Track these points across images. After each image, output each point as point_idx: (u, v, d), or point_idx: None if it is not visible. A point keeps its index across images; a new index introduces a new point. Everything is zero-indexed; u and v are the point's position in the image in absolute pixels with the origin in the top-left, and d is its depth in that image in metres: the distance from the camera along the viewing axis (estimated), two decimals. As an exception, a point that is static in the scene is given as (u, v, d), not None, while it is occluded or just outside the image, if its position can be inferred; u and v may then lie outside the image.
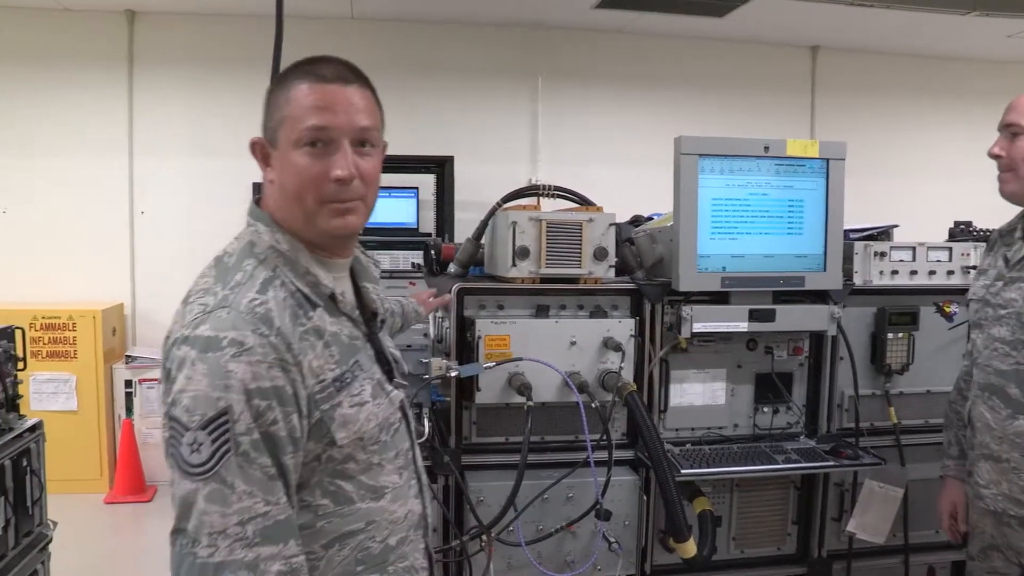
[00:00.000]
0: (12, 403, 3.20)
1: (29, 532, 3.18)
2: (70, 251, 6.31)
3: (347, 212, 1.46)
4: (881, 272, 3.08)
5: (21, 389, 3.31)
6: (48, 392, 5.73)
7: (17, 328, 3.33)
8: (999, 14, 5.74)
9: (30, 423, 3.26)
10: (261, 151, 1.51)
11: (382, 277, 1.78)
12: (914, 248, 3.12)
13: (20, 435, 3.16)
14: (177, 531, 1.32)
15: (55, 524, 3.41)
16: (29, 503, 3.18)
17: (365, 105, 1.48)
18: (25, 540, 3.14)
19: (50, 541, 3.35)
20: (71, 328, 5.77)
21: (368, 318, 1.62)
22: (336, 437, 1.42)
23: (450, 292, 2.76)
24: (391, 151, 1.62)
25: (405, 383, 1.65)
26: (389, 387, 1.57)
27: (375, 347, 1.58)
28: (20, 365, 3.31)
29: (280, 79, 1.50)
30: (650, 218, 3.51)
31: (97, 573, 4.53)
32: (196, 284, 1.45)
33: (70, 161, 6.31)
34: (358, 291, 1.64)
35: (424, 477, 1.68)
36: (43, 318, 5.71)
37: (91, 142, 6.33)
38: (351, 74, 1.49)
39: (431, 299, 2.85)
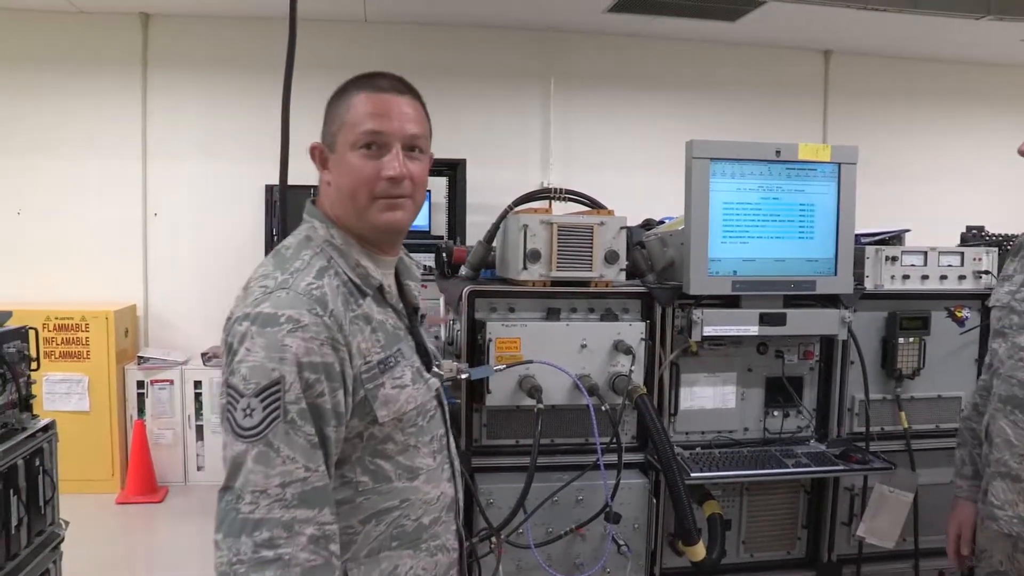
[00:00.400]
0: (25, 403, 3.22)
1: (41, 531, 3.20)
2: (83, 252, 6.36)
3: (396, 208, 1.61)
4: (892, 276, 3.07)
5: (34, 389, 3.33)
6: (61, 392, 5.77)
7: (31, 328, 3.35)
8: (1013, 18, 5.71)
9: (43, 423, 3.28)
10: (320, 155, 1.66)
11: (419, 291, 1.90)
12: (925, 253, 3.11)
13: (33, 435, 3.18)
14: (225, 488, 1.42)
15: (67, 523, 3.43)
16: (41, 502, 3.20)
17: (415, 115, 1.63)
18: (37, 539, 3.16)
19: (62, 540, 3.37)
20: (84, 329, 5.82)
21: (410, 312, 1.77)
22: (378, 415, 1.54)
23: (461, 295, 2.77)
24: None
25: (441, 373, 1.78)
26: (427, 375, 1.70)
27: (416, 339, 1.72)
28: (33, 365, 3.34)
29: (340, 91, 1.65)
30: (661, 222, 3.52)
31: (108, 573, 4.55)
32: (256, 272, 1.58)
33: (84, 163, 6.36)
34: (401, 288, 1.78)
35: (457, 463, 1.80)
36: (56, 319, 5.76)
37: (105, 144, 6.38)
38: (404, 87, 1.65)
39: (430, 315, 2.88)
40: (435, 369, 1.76)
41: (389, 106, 1.59)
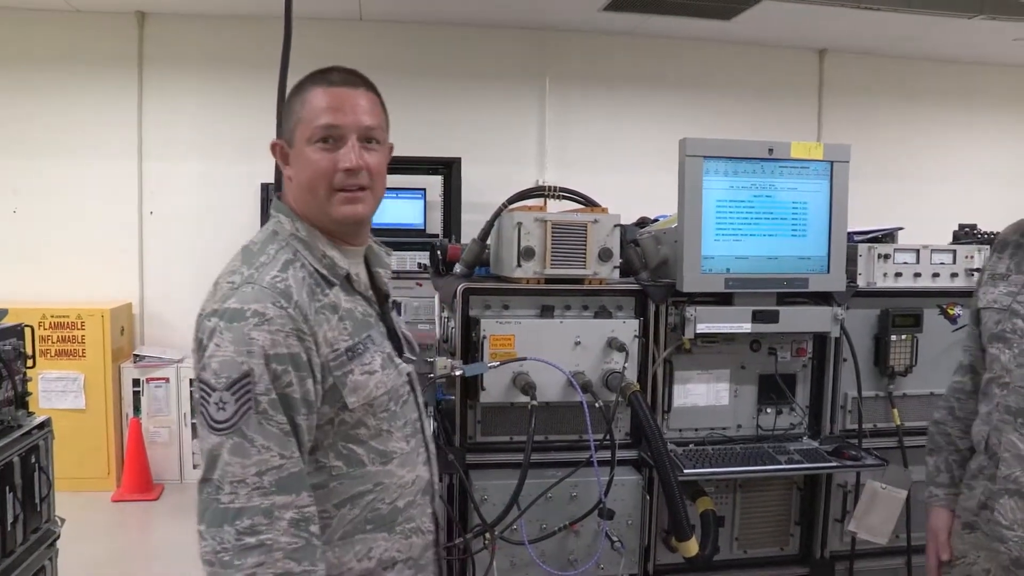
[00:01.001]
0: (21, 400, 3.22)
1: (37, 528, 3.21)
2: (79, 251, 6.37)
3: (356, 200, 1.64)
4: (885, 274, 3.08)
5: (30, 387, 3.33)
6: (56, 391, 5.77)
7: (27, 326, 3.35)
8: (1006, 17, 5.75)
9: (39, 420, 3.29)
10: (281, 151, 1.70)
11: (391, 278, 1.92)
12: (918, 250, 3.12)
13: (29, 432, 3.19)
14: (204, 480, 1.47)
15: (63, 521, 3.43)
16: (37, 500, 3.21)
17: (370, 107, 1.67)
18: (33, 536, 3.17)
19: (58, 538, 3.38)
20: (80, 327, 5.82)
21: (381, 299, 1.79)
22: (348, 401, 1.58)
23: (455, 292, 2.78)
24: (399, 152, 1.78)
25: (414, 358, 1.80)
26: (398, 360, 1.73)
27: (387, 325, 1.76)
28: (29, 363, 3.34)
29: (296, 87, 1.69)
30: (655, 220, 3.53)
31: (104, 570, 4.56)
32: (225, 268, 1.62)
33: (80, 162, 6.36)
34: (372, 276, 1.80)
35: (432, 446, 1.84)
36: (52, 317, 5.76)
37: (101, 143, 6.38)
38: (358, 79, 1.69)
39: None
40: (406, 354, 1.78)
41: (343, 99, 1.62)
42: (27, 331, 3.34)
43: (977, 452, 2.23)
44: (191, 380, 5.98)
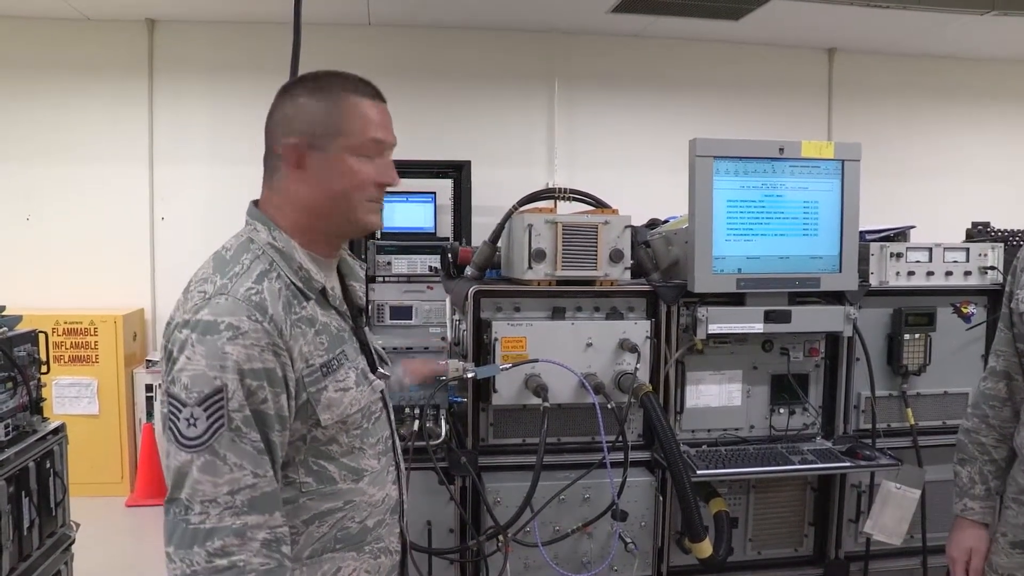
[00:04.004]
0: (36, 406, 3.24)
1: (53, 533, 3.23)
2: (92, 257, 6.40)
3: (380, 211, 1.67)
4: (897, 273, 3.07)
5: (44, 393, 3.35)
6: (70, 396, 5.80)
7: (40, 332, 3.37)
8: (1018, 13, 5.71)
9: (53, 425, 3.31)
10: (297, 152, 1.60)
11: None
12: (931, 249, 3.10)
13: (44, 437, 3.21)
14: (171, 500, 1.42)
15: (78, 526, 3.45)
16: (52, 504, 3.23)
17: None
18: (49, 540, 3.19)
19: (73, 542, 3.39)
20: (93, 333, 5.84)
21: (355, 313, 1.75)
22: (321, 418, 1.53)
23: (467, 295, 2.78)
24: (409, 156, 1.76)
25: (387, 375, 1.78)
26: (372, 376, 1.69)
27: (360, 339, 1.71)
28: (43, 369, 3.36)
29: (324, 89, 1.61)
30: (665, 221, 3.52)
31: (119, 574, 4.57)
32: (195, 275, 1.57)
33: (91, 169, 6.39)
34: (345, 289, 1.77)
35: (403, 465, 1.81)
36: (65, 323, 5.79)
37: (112, 150, 6.41)
38: (380, 94, 1.68)
39: (424, 367, 2.77)
40: (380, 370, 1.75)
41: (386, 116, 1.65)
42: (41, 337, 3.36)
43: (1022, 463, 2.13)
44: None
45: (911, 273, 3.08)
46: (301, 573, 1.55)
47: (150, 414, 6.01)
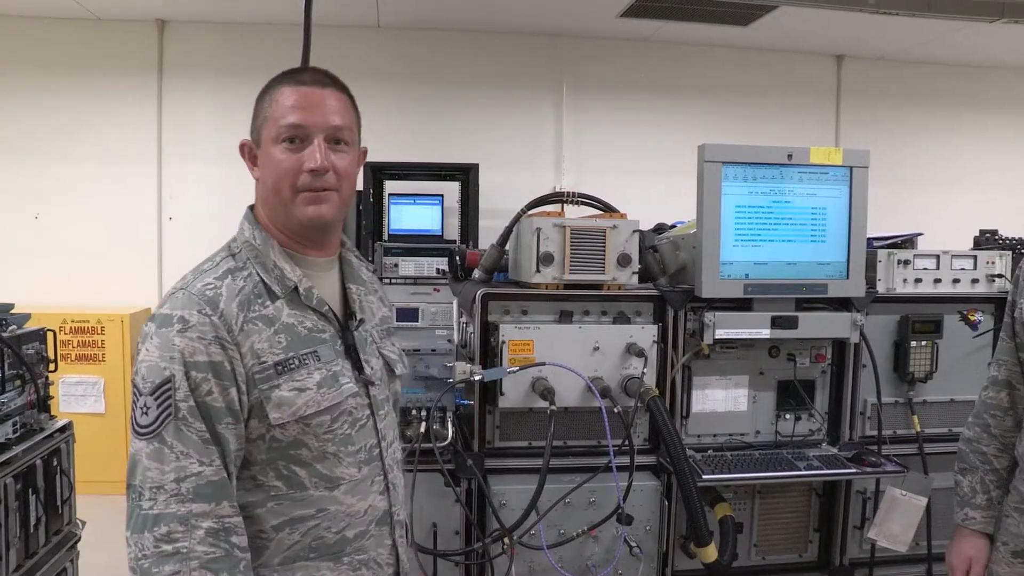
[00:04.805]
0: (43, 404, 3.25)
1: (59, 530, 3.23)
2: (100, 256, 6.42)
3: (320, 201, 1.57)
4: (905, 280, 3.07)
5: (51, 391, 3.36)
6: (77, 395, 5.81)
7: (48, 330, 3.38)
8: (1028, 21, 5.70)
9: (60, 423, 3.31)
10: (249, 152, 1.66)
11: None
12: (938, 256, 3.11)
13: (51, 435, 3.21)
14: (128, 486, 1.44)
15: (84, 523, 3.45)
16: (59, 502, 3.23)
17: (339, 107, 1.61)
18: (55, 538, 3.19)
19: (79, 540, 3.39)
20: (100, 332, 5.85)
21: (348, 316, 1.71)
22: (271, 416, 1.50)
23: (474, 297, 2.79)
24: (416, 158, 1.70)
25: (374, 381, 1.69)
26: (345, 380, 1.61)
27: (346, 343, 1.66)
28: (51, 367, 3.36)
29: (265, 86, 1.66)
30: (673, 226, 3.53)
31: (124, 573, 4.56)
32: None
33: (100, 168, 6.42)
34: (345, 291, 1.74)
35: (393, 476, 1.71)
36: (72, 321, 5.80)
37: (121, 149, 6.43)
38: (328, 79, 1.63)
39: None
40: (365, 376, 1.66)
41: (311, 99, 1.58)
42: (49, 335, 3.36)
43: None
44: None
45: (918, 280, 3.08)
46: None
47: (156, 413, 6.02)
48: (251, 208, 1.68)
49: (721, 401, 2.99)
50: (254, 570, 1.50)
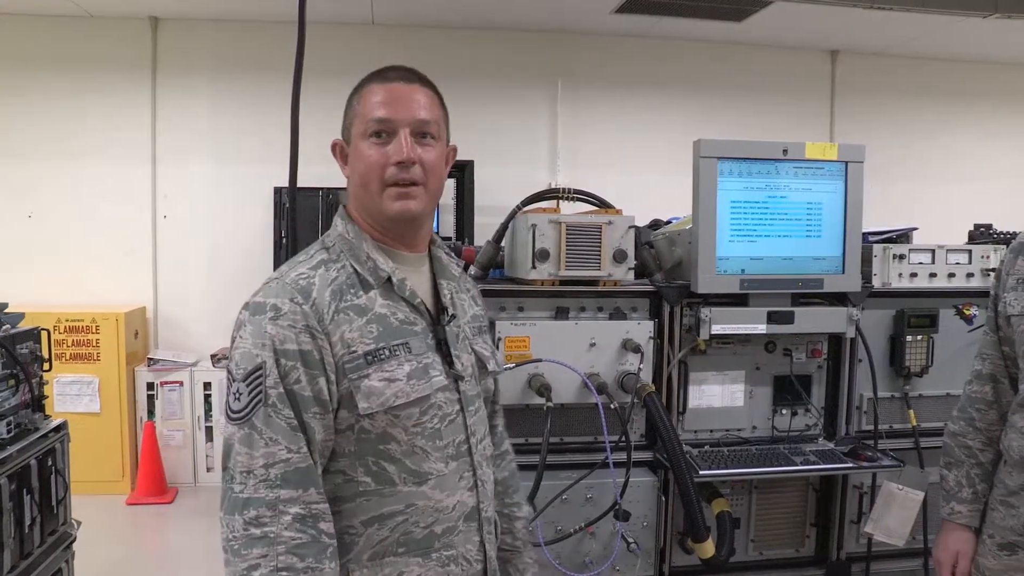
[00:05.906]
0: (38, 403, 3.24)
1: (54, 530, 3.23)
2: (94, 255, 6.40)
3: (408, 196, 1.60)
4: (900, 274, 3.07)
5: (45, 391, 3.35)
6: (71, 394, 5.80)
7: (43, 329, 3.37)
8: (1021, 16, 5.70)
9: (55, 423, 3.31)
10: (340, 151, 1.69)
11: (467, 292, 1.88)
12: (933, 250, 3.11)
13: (46, 435, 3.21)
14: (224, 469, 1.49)
15: (79, 523, 3.45)
16: (54, 502, 3.23)
17: (426, 102, 1.67)
18: (50, 538, 3.19)
19: (74, 540, 3.39)
20: (94, 331, 5.84)
21: (439, 310, 1.71)
22: (360, 406, 1.52)
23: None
24: None
25: (464, 377, 1.69)
26: (435, 373, 1.62)
27: (437, 337, 1.66)
28: (45, 366, 3.36)
29: (356, 87, 1.69)
30: (669, 222, 3.53)
31: (120, 572, 4.58)
32: None
33: (94, 166, 6.40)
34: (436, 287, 1.75)
35: (482, 472, 1.71)
36: (67, 320, 5.79)
37: (115, 147, 6.42)
38: (415, 76, 1.70)
39: None
40: (456, 371, 1.66)
41: (397, 94, 1.63)
42: (43, 335, 3.36)
43: (1011, 467, 2.11)
44: (205, 383, 6.06)
45: (914, 275, 3.08)
46: (361, 574, 1.56)
47: (151, 412, 6.03)
48: (344, 207, 1.71)
49: (717, 396, 2.99)
50: (342, 565, 1.52)
